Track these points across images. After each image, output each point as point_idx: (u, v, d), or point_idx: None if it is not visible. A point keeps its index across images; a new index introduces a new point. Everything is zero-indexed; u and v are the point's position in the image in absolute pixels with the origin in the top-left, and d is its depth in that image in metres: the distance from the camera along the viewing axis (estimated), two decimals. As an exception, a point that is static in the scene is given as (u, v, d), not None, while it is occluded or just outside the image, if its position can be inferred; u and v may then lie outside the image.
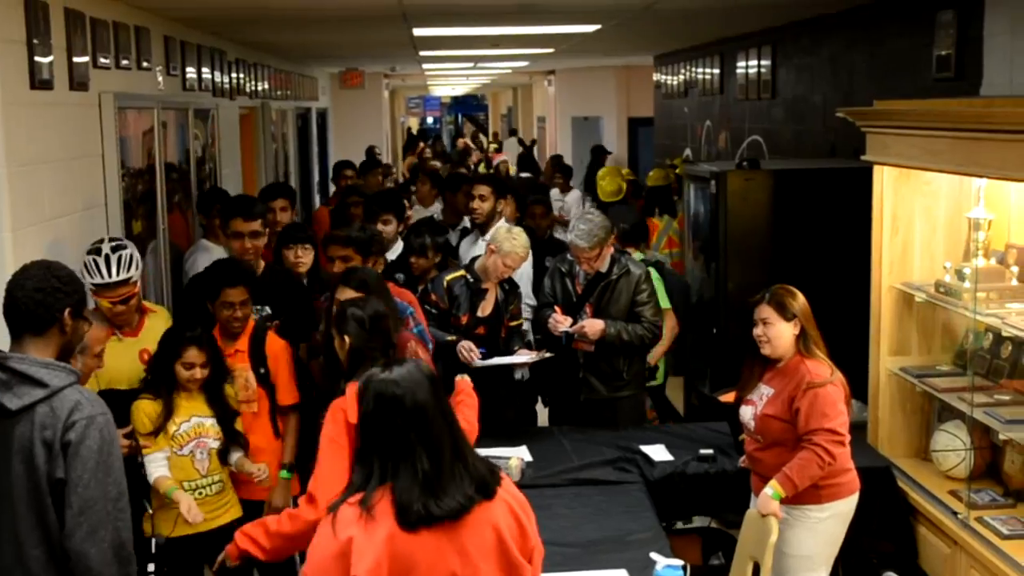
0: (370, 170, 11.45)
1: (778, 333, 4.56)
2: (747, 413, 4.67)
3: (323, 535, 2.86)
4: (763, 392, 4.62)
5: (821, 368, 4.49)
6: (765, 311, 4.58)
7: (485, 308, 5.77)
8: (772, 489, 4.39)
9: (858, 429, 5.37)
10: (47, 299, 3.19)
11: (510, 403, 6.01)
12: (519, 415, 6.22)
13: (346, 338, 4.15)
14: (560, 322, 5.72)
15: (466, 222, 7.69)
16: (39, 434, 3.08)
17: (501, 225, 6.35)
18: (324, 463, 3.85)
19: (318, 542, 2.88)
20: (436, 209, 8.98)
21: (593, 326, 5.69)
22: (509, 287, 5.89)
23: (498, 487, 2.94)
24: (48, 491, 3.09)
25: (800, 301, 4.58)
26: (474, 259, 5.95)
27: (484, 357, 5.55)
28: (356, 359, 4.15)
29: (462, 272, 5.83)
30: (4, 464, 3.10)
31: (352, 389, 4.08)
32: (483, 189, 7.00)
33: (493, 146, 28.00)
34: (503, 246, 5.69)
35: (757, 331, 4.61)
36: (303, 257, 5.85)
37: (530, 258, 6.28)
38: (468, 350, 5.52)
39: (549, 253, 6.92)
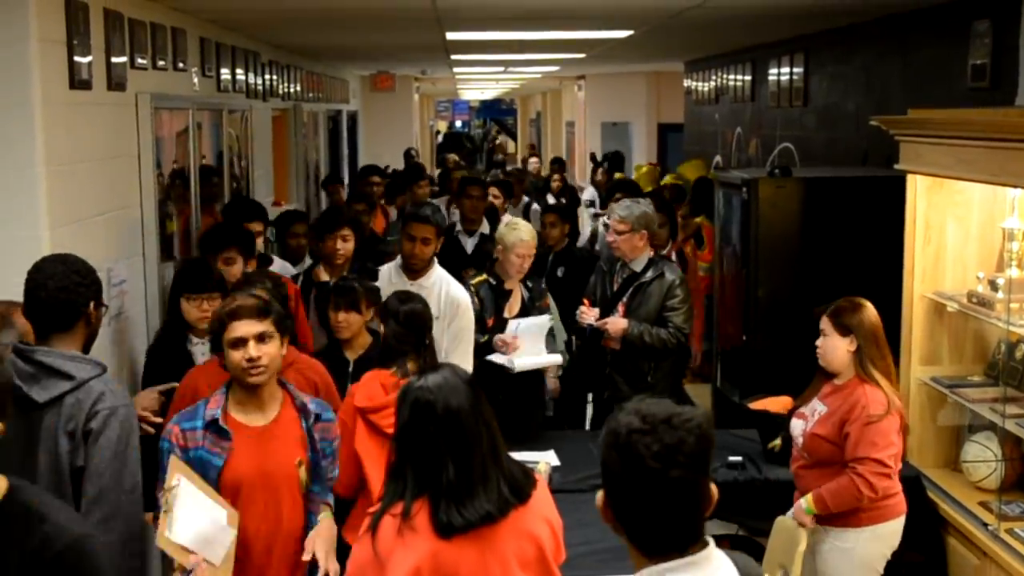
0: (415, 180, 10.24)
1: (831, 347, 4.46)
2: (797, 427, 4.58)
3: (363, 551, 2.86)
4: (816, 408, 4.52)
5: (878, 396, 4.34)
6: (824, 322, 4.49)
7: (512, 308, 5.81)
8: (806, 503, 4.37)
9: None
10: (71, 296, 3.24)
11: (541, 404, 6.04)
12: (559, 415, 6.28)
13: (383, 328, 4.41)
14: (586, 314, 5.83)
15: (485, 227, 7.78)
16: (64, 425, 3.13)
17: (503, 221, 6.39)
18: (342, 456, 4.06)
19: (357, 556, 2.89)
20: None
21: (616, 325, 5.75)
22: (532, 285, 5.94)
23: (533, 491, 2.95)
24: (69, 480, 3.14)
25: (863, 317, 4.41)
26: (493, 261, 5.99)
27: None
28: (387, 351, 4.30)
29: (484, 276, 5.87)
30: (30, 455, 3.14)
31: (368, 376, 4.17)
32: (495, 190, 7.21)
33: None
34: (507, 239, 5.76)
35: (817, 342, 4.53)
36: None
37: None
38: (504, 343, 5.55)
39: (562, 264, 6.98)
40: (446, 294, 5.30)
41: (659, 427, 2.01)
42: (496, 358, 5.57)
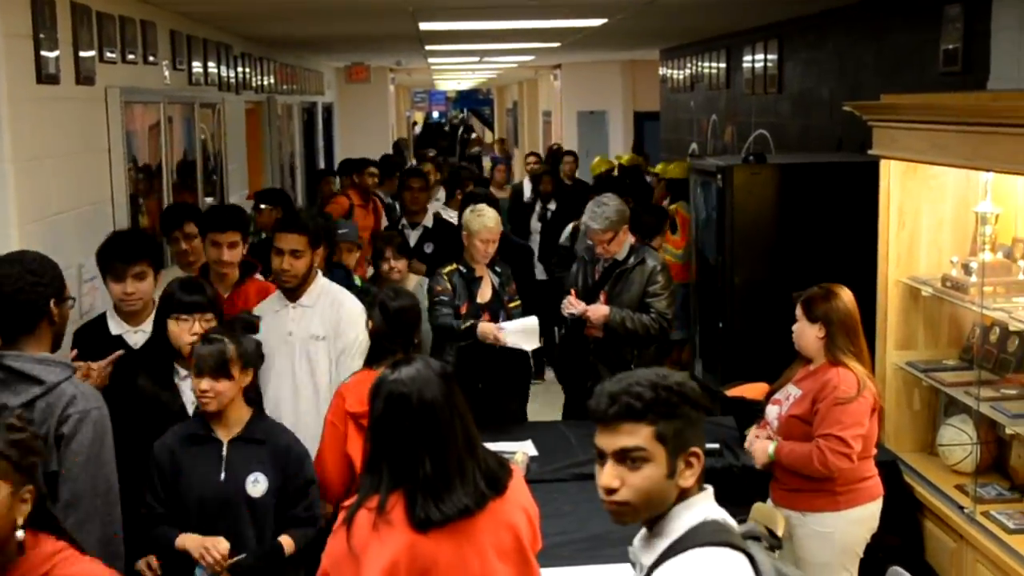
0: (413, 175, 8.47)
1: (800, 332, 4.51)
2: (772, 412, 4.61)
3: (337, 545, 2.85)
4: (791, 393, 4.55)
5: (849, 377, 4.36)
6: (797, 308, 4.53)
7: (483, 294, 5.83)
8: (773, 448, 4.45)
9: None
10: (30, 297, 3.19)
11: (514, 394, 6.04)
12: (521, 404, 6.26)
13: (370, 323, 4.29)
14: (571, 304, 5.81)
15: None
16: (36, 430, 3.08)
17: (468, 208, 6.38)
18: (323, 446, 4.15)
19: (332, 550, 2.87)
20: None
21: (597, 312, 5.75)
22: (501, 270, 5.96)
23: (509, 481, 2.95)
24: (43, 484, 3.10)
25: (833, 304, 4.42)
26: (461, 250, 5.99)
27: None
28: (375, 348, 4.23)
29: (454, 264, 5.87)
30: None
31: (358, 376, 4.12)
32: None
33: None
34: (472, 226, 5.78)
35: (793, 327, 4.57)
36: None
37: None
38: (492, 332, 5.54)
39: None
40: (332, 311, 4.69)
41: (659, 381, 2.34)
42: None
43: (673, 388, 2.32)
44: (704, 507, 2.33)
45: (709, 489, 2.37)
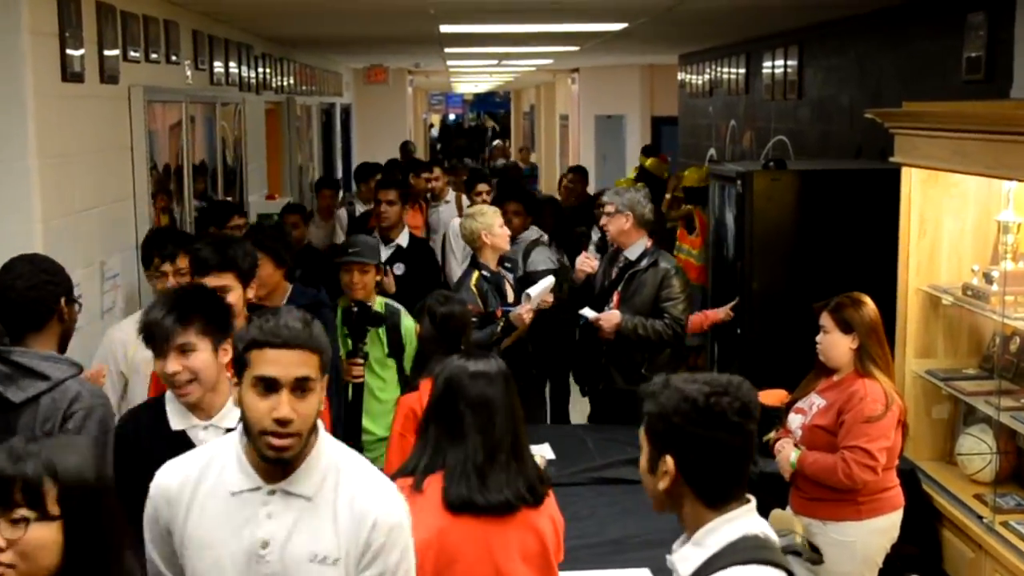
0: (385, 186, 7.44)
1: (832, 344, 4.45)
2: (795, 421, 4.58)
3: None
4: (815, 402, 4.53)
5: (876, 390, 4.33)
6: (824, 319, 4.47)
7: (511, 293, 5.95)
8: (795, 457, 4.43)
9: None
10: (41, 294, 3.23)
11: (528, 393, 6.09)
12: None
13: (418, 328, 4.39)
14: (586, 260, 6.04)
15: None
16: (40, 426, 3.11)
17: (455, 221, 6.43)
18: (391, 458, 4.03)
19: None
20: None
21: (609, 320, 5.76)
22: (510, 266, 6.16)
23: (547, 496, 2.98)
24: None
25: (864, 314, 4.40)
26: (473, 257, 6.06)
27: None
28: (423, 353, 4.29)
29: (476, 273, 5.92)
30: None
31: (424, 385, 4.09)
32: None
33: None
34: (485, 221, 5.90)
35: (817, 338, 4.52)
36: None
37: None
38: (521, 313, 5.61)
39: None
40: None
41: (729, 389, 2.27)
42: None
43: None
44: (745, 521, 2.29)
45: (752, 502, 2.33)
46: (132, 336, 3.63)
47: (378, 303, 5.16)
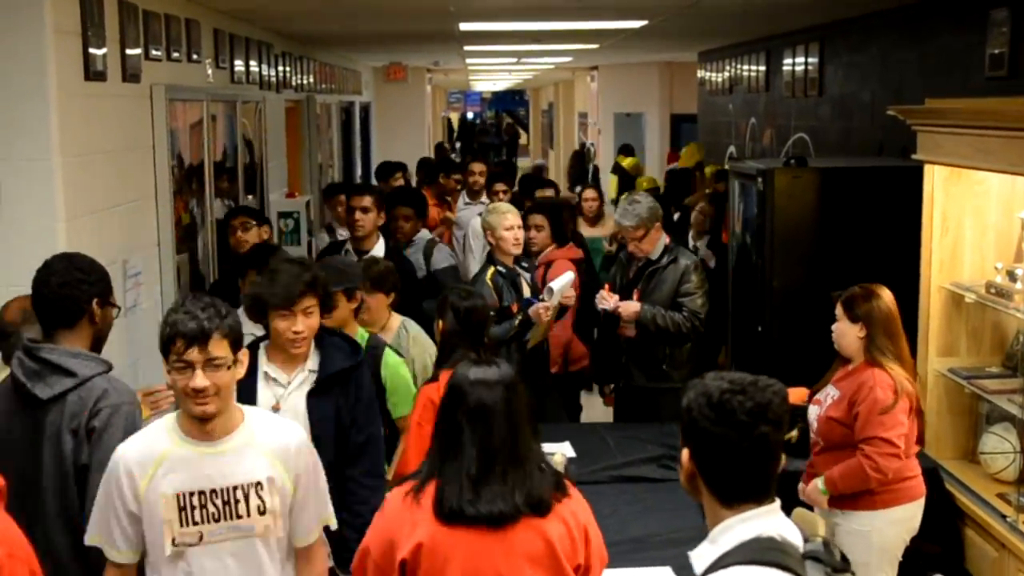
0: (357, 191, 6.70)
1: (841, 333, 4.51)
2: (813, 412, 4.61)
3: (377, 521, 2.98)
4: (830, 393, 4.55)
5: (885, 379, 4.36)
6: (837, 308, 4.54)
7: (526, 288, 5.97)
8: (820, 483, 4.41)
9: (905, 430, 5.33)
10: (73, 292, 3.24)
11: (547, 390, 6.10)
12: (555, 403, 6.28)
13: (440, 323, 4.31)
14: (606, 298, 5.85)
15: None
16: (68, 423, 3.13)
17: (475, 220, 6.39)
18: (408, 447, 4.10)
19: (373, 526, 2.99)
20: None
21: (628, 308, 5.78)
22: (528, 265, 6.15)
23: (558, 503, 2.93)
24: (74, 477, 3.14)
25: (875, 304, 4.43)
26: (490, 253, 6.06)
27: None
28: (446, 347, 4.26)
29: (491, 267, 5.94)
30: (35, 452, 3.15)
31: (445, 377, 4.10)
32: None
33: None
34: (492, 222, 5.93)
35: (833, 326, 4.58)
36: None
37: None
38: (541, 309, 5.61)
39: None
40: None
41: (748, 388, 2.26)
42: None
43: None
44: (762, 522, 2.27)
45: (775, 503, 2.31)
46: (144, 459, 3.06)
47: (359, 335, 4.49)
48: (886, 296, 4.49)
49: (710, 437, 2.26)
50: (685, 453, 2.32)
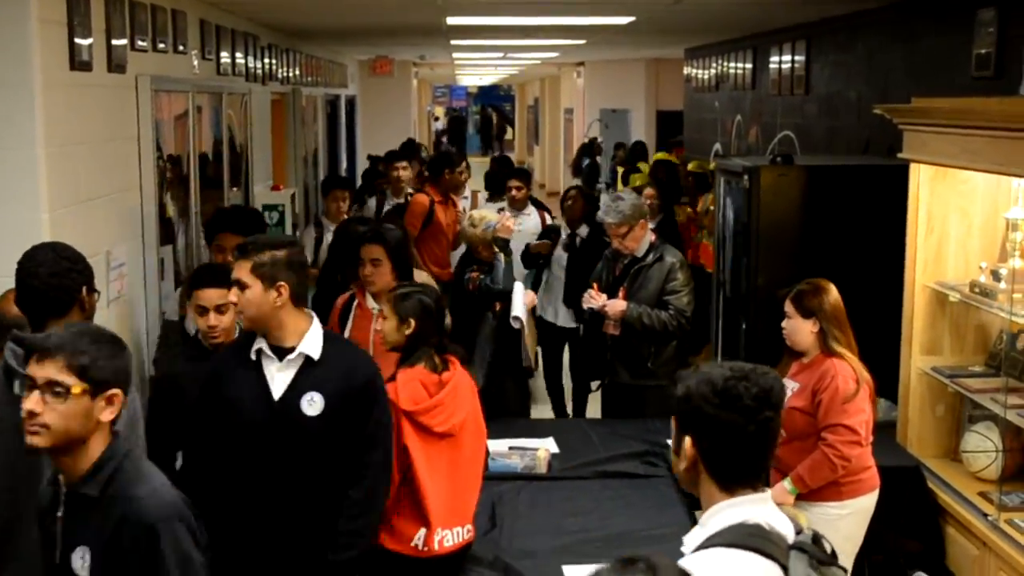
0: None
1: (795, 329, 4.61)
2: None
3: None
4: (789, 386, 4.58)
5: (846, 369, 4.46)
6: (787, 305, 4.63)
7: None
8: (789, 484, 4.45)
9: (887, 428, 5.35)
10: (63, 282, 3.22)
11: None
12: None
13: (412, 322, 4.13)
14: (593, 298, 5.85)
15: None
16: None
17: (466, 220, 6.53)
18: None
19: None
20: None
21: (615, 307, 5.80)
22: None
23: None
24: None
25: (825, 299, 4.55)
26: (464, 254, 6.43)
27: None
28: (411, 346, 4.17)
29: (475, 270, 6.21)
30: None
31: (406, 377, 4.07)
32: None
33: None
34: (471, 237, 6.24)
35: (782, 323, 4.67)
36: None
37: None
38: (505, 226, 5.99)
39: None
40: None
41: (750, 374, 2.30)
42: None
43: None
44: (750, 508, 2.30)
45: (766, 492, 2.35)
46: None
47: None
48: (833, 290, 4.61)
49: (716, 423, 2.30)
50: (687, 441, 2.34)
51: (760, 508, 2.32)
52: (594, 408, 6.46)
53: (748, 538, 2.25)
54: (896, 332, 5.45)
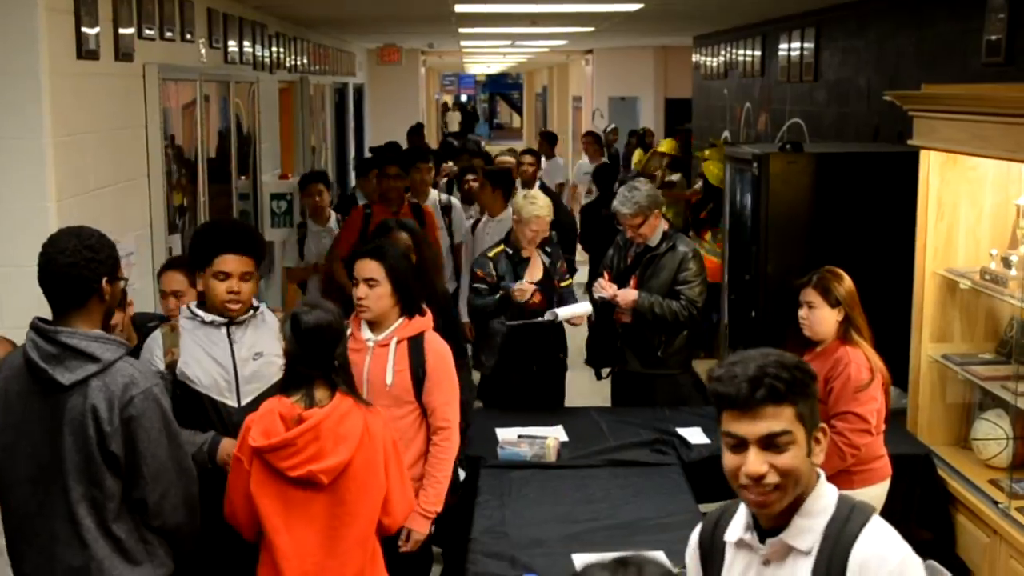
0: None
1: (821, 318, 4.54)
2: None
3: None
4: None
5: (859, 357, 4.45)
6: (810, 295, 4.56)
7: (534, 274, 5.87)
8: None
9: (898, 416, 5.34)
10: (83, 271, 3.17)
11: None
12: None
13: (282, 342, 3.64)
14: (603, 287, 5.82)
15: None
16: (91, 408, 3.09)
17: (520, 194, 6.31)
18: (229, 482, 3.68)
19: None
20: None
21: (626, 296, 5.77)
22: (551, 249, 6.03)
23: None
24: (101, 462, 3.12)
25: (847, 286, 4.54)
26: (510, 231, 6.04)
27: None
28: (289, 372, 3.63)
29: (500, 246, 5.94)
30: (56, 437, 3.11)
31: (267, 406, 3.57)
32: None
33: None
34: (523, 213, 5.81)
35: (801, 313, 4.61)
36: None
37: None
38: (521, 290, 5.62)
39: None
40: None
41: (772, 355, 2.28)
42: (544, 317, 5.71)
43: (801, 367, 2.30)
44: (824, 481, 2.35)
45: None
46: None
47: None
48: (848, 278, 4.60)
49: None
50: (790, 411, 2.27)
51: None
52: (604, 396, 6.43)
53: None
54: (906, 319, 5.43)
